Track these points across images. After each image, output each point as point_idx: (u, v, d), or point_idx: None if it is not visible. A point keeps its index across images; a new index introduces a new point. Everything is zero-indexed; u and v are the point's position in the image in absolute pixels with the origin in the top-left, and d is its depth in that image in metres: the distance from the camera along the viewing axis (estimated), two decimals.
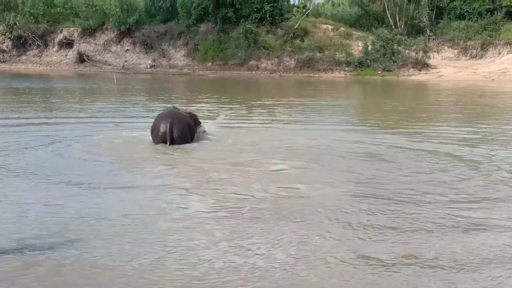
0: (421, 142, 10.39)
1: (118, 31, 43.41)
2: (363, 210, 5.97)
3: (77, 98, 20.08)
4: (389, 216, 5.80)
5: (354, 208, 6.03)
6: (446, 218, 5.75)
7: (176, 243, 4.98)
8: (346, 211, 5.94)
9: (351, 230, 5.38)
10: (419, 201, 6.35)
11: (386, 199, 6.42)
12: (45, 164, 8.22)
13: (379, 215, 5.81)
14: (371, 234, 5.26)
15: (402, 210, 5.99)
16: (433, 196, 6.58)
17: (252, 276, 4.36)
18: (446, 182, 7.29)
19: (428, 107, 18.90)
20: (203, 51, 40.40)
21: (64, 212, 5.83)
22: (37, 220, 5.57)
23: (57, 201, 6.25)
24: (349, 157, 8.94)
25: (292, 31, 39.03)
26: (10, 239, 5.02)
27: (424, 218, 5.74)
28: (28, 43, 45.22)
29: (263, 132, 11.59)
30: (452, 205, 6.20)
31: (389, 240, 5.12)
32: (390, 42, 36.27)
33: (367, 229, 5.38)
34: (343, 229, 5.39)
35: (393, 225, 5.53)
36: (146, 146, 9.52)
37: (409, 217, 5.75)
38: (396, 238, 5.16)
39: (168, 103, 17.06)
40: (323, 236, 5.18)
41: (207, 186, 6.96)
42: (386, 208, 6.05)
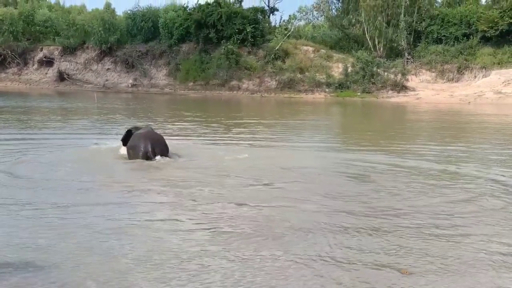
0: (404, 160, 10.68)
1: (99, 50, 43.49)
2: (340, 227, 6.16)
3: (57, 117, 20.05)
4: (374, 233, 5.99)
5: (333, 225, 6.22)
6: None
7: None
8: (326, 228, 6.11)
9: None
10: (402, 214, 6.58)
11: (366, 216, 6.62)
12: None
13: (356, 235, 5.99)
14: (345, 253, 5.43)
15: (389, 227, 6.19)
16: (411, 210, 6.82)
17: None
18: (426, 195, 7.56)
19: (408, 127, 19.27)
20: (185, 71, 40.57)
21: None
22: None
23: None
24: (328, 175, 9.16)
25: (274, 52, 39.41)
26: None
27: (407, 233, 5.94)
28: (7, 61, 45.10)
29: (242, 151, 11.72)
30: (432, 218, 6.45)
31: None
32: (369, 65, 36.77)
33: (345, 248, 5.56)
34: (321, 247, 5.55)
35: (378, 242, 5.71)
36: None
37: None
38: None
39: (150, 122, 17.23)
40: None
41: (193, 204, 7.11)
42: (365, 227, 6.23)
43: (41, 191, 7.66)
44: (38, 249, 5.23)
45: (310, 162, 10.41)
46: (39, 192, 7.55)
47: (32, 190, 7.65)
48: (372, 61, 37.07)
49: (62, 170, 9.13)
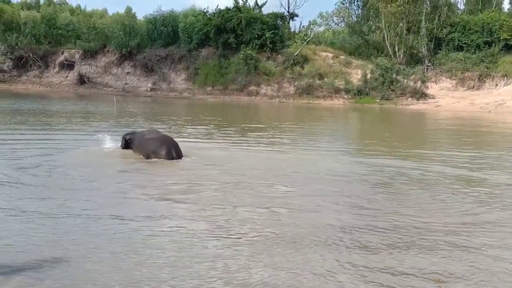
0: (425, 166, 10.55)
1: (119, 53, 43.76)
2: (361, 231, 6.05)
3: (78, 119, 20.18)
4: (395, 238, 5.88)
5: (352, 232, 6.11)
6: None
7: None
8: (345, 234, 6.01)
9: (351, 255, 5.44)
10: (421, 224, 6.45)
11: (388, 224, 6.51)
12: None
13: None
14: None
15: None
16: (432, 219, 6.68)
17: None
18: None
19: (427, 134, 19.11)
20: (203, 76, 40.67)
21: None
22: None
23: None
24: (352, 182, 9.06)
25: (292, 58, 39.36)
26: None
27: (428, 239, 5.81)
28: (29, 63, 45.49)
29: (259, 156, 11.67)
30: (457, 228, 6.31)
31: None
32: (389, 71, 36.58)
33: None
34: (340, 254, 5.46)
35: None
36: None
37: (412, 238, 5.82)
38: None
39: (170, 126, 17.26)
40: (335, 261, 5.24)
41: (209, 208, 7.06)
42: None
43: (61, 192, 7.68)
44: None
45: (332, 167, 10.32)
46: (59, 193, 7.57)
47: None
48: (392, 67, 36.88)
49: (76, 173, 9.14)
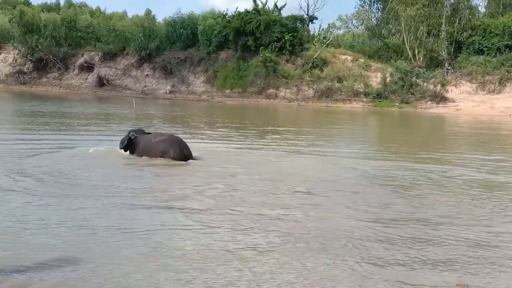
0: (450, 169, 10.45)
1: (138, 56, 43.98)
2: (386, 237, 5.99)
3: (98, 121, 20.27)
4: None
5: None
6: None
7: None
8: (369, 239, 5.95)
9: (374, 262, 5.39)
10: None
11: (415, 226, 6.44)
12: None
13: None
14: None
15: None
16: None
17: None
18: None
19: (447, 138, 18.98)
20: (222, 78, 40.74)
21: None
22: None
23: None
24: (366, 184, 9.00)
25: (312, 61, 39.29)
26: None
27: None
28: (49, 65, 45.87)
29: (280, 159, 11.63)
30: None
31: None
32: (408, 75, 36.38)
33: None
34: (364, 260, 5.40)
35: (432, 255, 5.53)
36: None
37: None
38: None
39: (189, 128, 17.30)
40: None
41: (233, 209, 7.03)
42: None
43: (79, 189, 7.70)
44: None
45: (352, 170, 10.26)
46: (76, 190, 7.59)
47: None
48: (412, 71, 36.68)
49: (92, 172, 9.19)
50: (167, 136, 11.03)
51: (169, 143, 10.57)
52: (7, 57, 47.67)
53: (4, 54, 47.89)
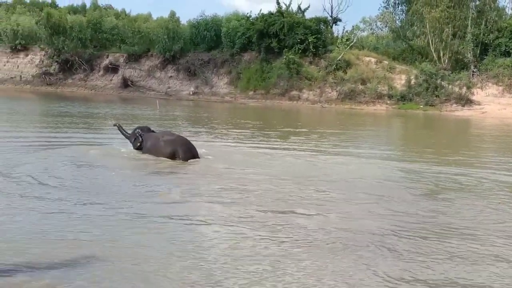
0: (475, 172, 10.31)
1: (162, 57, 44.27)
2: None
3: (125, 121, 20.41)
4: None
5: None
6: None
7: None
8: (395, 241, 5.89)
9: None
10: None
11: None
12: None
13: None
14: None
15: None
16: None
17: None
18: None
19: (473, 141, 18.76)
20: (246, 80, 40.78)
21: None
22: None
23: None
24: (391, 187, 8.92)
25: (335, 63, 39.13)
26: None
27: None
28: (74, 67, 46.36)
29: (304, 161, 11.60)
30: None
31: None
32: (433, 77, 36.05)
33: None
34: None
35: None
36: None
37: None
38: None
39: (214, 129, 17.35)
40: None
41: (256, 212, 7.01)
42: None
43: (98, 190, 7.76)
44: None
45: (376, 173, 10.19)
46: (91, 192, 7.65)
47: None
48: (436, 73, 36.34)
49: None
50: (175, 137, 11.03)
51: (178, 144, 10.62)
52: (33, 59, 48.32)
53: (31, 56, 48.54)
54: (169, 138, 10.83)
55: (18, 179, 8.20)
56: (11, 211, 6.48)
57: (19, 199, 7.06)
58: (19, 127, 16.57)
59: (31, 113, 23.27)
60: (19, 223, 6.02)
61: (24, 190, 7.55)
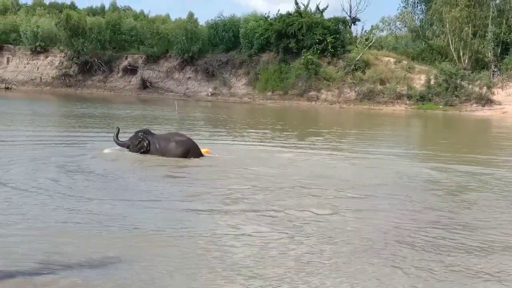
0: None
1: (181, 58, 44.46)
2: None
3: (142, 123, 20.52)
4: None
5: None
6: None
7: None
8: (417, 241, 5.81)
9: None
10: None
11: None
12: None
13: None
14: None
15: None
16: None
17: None
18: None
19: (494, 141, 18.56)
20: (264, 81, 40.80)
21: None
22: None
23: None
24: (414, 187, 8.82)
25: (354, 63, 39.00)
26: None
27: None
28: (93, 68, 46.70)
29: (324, 161, 11.54)
30: None
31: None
32: (453, 77, 35.79)
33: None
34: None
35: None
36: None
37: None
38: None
39: (234, 130, 17.33)
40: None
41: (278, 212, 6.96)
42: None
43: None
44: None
45: (400, 173, 10.06)
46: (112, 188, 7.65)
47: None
48: (456, 73, 36.08)
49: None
50: (186, 138, 11.10)
51: (190, 145, 10.85)
52: (53, 60, 48.74)
53: (51, 57, 48.97)
54: (179, 139, 10.92)
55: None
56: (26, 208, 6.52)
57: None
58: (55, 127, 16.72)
59: (62, 115, 23.47)
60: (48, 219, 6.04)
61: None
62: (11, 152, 10.76)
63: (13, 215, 6.26)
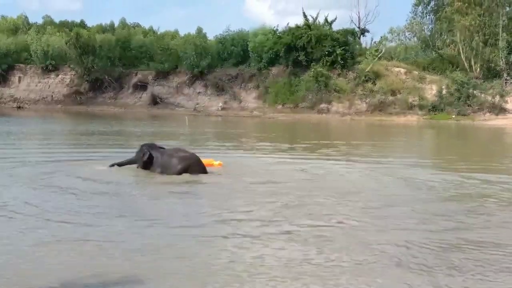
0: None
1: (191, 74, 44.52)
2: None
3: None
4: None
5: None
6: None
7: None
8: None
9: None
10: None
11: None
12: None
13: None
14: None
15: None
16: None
17: None
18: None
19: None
20: (274, 94, 40.74)
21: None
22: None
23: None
24: (428, 198, 8.58)
25: (364, 74, 38.84)
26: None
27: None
28: (104, 85, 46.93)
29: (338, 172, 11.32)
30: None
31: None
32: (465, 86, 35.54)
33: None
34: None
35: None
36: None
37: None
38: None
39: (246, 144, 17.18)
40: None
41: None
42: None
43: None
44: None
45: (411, 183, 9.83)
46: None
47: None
48: (468, 82, 35.85)
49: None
50: (189, 154, 10.55)
51: (192, 161, 10.28)
52: (64, 78, 48.99)
53: (61, 75, 49.21)
54: (183, 155, 10.39)
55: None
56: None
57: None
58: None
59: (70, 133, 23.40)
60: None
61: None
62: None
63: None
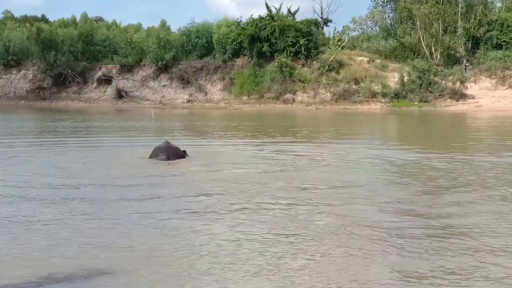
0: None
1: (155, 67, 44.36)
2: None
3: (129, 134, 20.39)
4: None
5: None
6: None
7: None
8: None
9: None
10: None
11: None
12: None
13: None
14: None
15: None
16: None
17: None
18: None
19: (471, 132, 18.83)
20: (239, 85, 40.87)
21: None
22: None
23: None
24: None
25: (328, 64, 39.21)
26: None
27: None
28: (68, 80, 46.37)
29: (309, 162, 11.59)
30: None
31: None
32: (426, 73, 36.11)
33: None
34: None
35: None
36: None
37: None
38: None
39: (210, 135, 17.33)
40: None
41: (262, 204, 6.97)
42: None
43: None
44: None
45: (378, 166, 10.17)
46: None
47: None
48: (429, 69, 36.44)
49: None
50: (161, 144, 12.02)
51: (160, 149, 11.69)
52: (27, 74, 48.33)
53: (24, 71, 48.53)
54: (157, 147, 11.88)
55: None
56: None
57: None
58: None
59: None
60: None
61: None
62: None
63: None
